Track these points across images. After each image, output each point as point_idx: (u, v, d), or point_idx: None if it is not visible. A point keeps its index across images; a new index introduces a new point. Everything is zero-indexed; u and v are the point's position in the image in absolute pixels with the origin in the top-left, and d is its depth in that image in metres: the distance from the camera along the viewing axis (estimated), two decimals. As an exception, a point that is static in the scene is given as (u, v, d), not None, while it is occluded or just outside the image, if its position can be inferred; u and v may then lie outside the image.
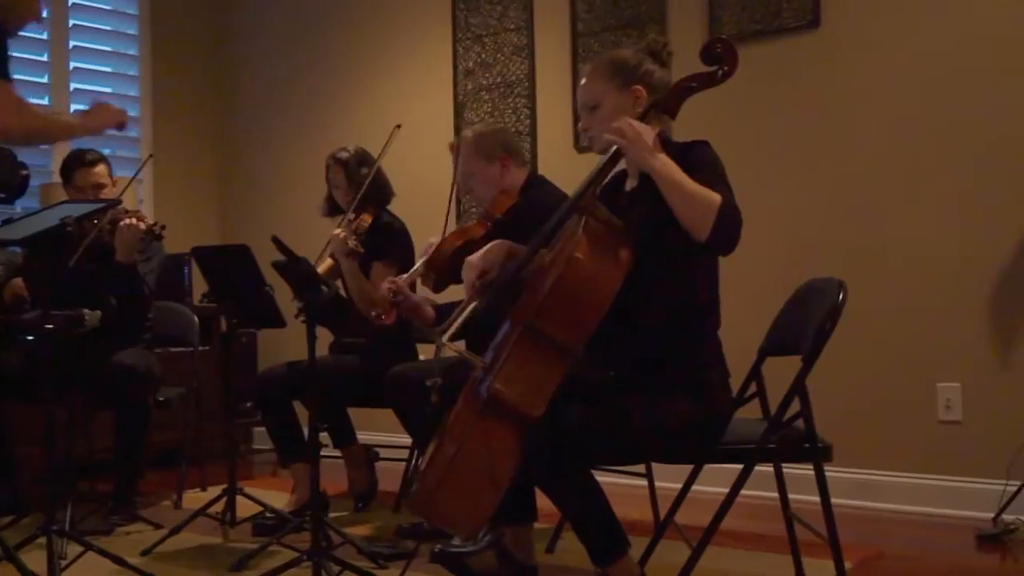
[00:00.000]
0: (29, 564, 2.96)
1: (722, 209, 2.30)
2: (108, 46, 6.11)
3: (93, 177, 4.22)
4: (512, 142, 3.64)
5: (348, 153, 4.21)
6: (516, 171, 3.57)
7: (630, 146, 2.41)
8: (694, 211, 2.32)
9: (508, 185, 3.53)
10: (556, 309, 2.40)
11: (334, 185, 4.24)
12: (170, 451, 4.61)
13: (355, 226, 4.00)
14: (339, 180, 4.20)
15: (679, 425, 2.48)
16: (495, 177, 3.53)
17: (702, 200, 2.31)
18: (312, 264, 2.98)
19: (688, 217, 2.33)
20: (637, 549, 2.87)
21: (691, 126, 3.83)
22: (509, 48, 5.24)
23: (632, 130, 2.41)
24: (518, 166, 3.59)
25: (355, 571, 2.98)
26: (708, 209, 2.30)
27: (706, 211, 2.30)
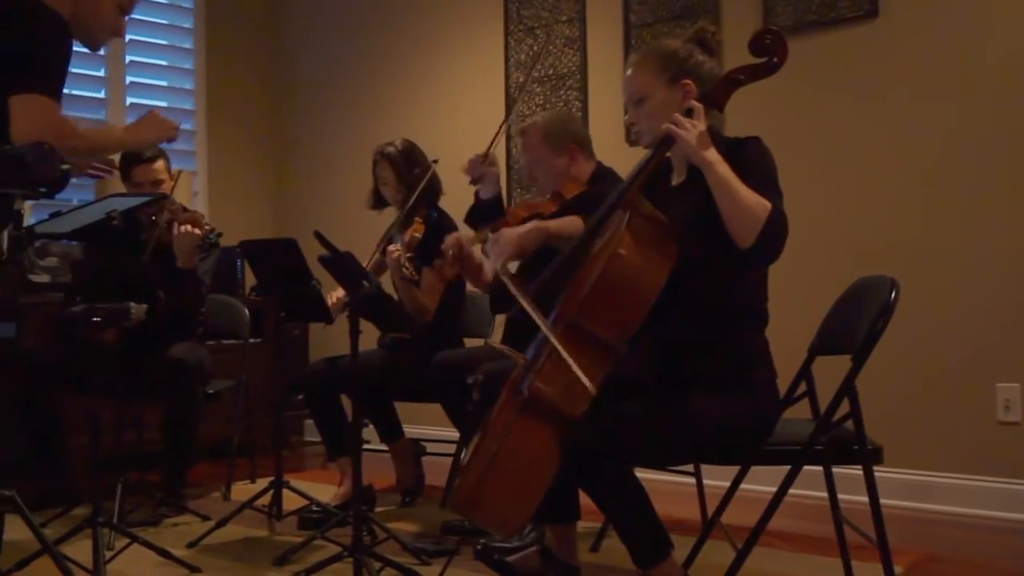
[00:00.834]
0: (77, 555, 2.99)
1: (770, 218, 2.24)
2: (164, 40, 6.16)
3: (152, 173, 4.26)
4: (582, 133, 3.58)
5: (395, 148, 4.18)
6: (584, 163, 3.51)
7: (684, 143, 2.36)
8: (741, 218, 2.26)
9: (576, 175, 3.47)
10: (599, 306, 2.36)
11: (381, 181, 4.22)
12: (221, 443, 4.64)
13: (408, 239, 3.94)
14: (387, 176, 4.17)
15: (723, 425, 2.43)
16: (562, 168, 3.47)
17: (751, 208, 2.25)
18: (355, 259, 2.96)
19: (734, 223, 2.27)
20: (683, 548, 2.83)
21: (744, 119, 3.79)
22: (561, 40, 5.20)
23: (690, 125, 2.36)
24: (586, 158, 3.53)
25: (396, 568, 2.96)
26: (755, 220, 2.24)
27: (753, 221, 2.24)
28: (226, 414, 4.70)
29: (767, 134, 2.56)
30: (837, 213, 4.26)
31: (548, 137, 3.48)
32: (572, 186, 3.43)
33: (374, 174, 4.25)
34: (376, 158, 4.21)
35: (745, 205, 2.26)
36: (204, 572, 3.17)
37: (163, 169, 4.31)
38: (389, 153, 4.16)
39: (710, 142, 2.35)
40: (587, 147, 3.56)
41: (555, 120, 3.57)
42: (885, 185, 4.18)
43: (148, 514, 3.89)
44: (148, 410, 4.52)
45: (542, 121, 3.55)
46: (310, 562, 3.06)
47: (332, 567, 2.95)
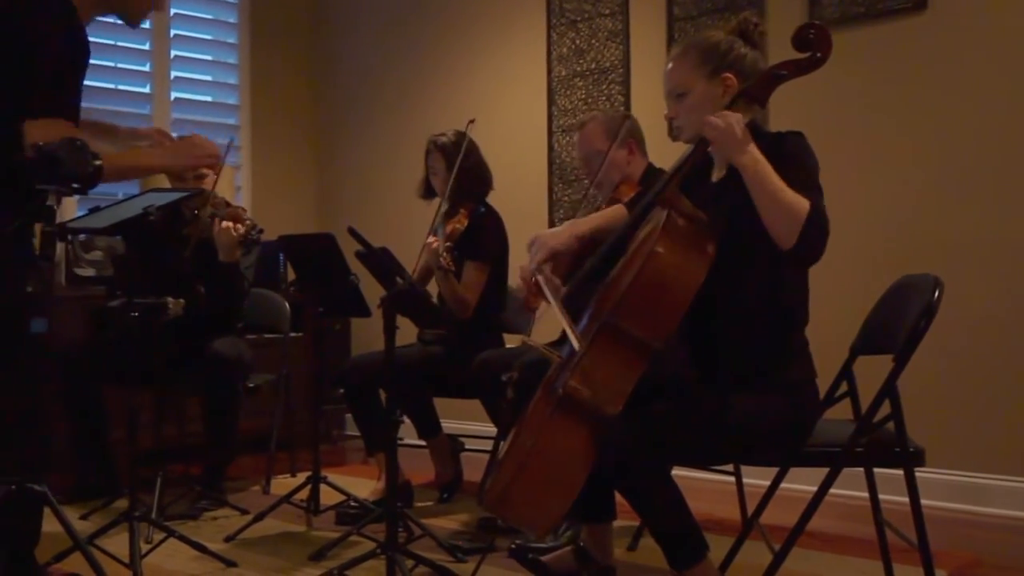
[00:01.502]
0: (115, 547, 3.00)
1: (809, 218, 2.19)
2: (208, 34, 6.19)
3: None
4: (641, 132, 3.60)
5: (448, 138, 4.15)
6: (639, 160, 3.54)
7: (719, 139, 2.32)
8: (781, 219, 2.21)
9: (630, 173, 3.48)
10: (635, 305, 2.33)
11: (432, 171, 4.20)
12: (263, 436, 4.65)
13: (450, 229, 3.93)
14: (438, 167, 4.15)
15: (761, 426, 2.38)
16: (621, 161, 3.49)
17: (790, 209, 2.20)
18: (390, 255, 2.95)
19: (774, 224, 2.22)
20: (722, 549, 2.79)
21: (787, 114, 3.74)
22: (604, 33, 5.15)
23: (723, 121, 2.31)
24: (641, 155, 3.56)
25: (429, 565, 2.95)
26: (795, 219, 2.19)
27: (793, 221, 2.19)
28: (267, 408, 4.72)
29: (810, 129, 2.51)
30: (881, 210, 4.18)
31: (609, 130, 3.51)
32: (627, 188, 3.40)
33: (426, 164, 4.23)
34: (428, 148, 4.20)
35: (783, 205, 2.20)
36: (240, 567, 3.17)
37: None
38: (441, 143, 4.14)
39: (749, 140, 2.30)
40: (643, 145, 3.58)
41: (614, 115, 3.62)
42: (929, 181, 4.09)
43: (187, 507, 3.91)
44: (191, 403, 4.55)
45: (600, 116, 3.60)
46: (345, 558, 3.05)
47: (366, 564, 2.94)
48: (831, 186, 2.36)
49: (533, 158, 5.39)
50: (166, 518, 3.71)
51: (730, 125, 2.28)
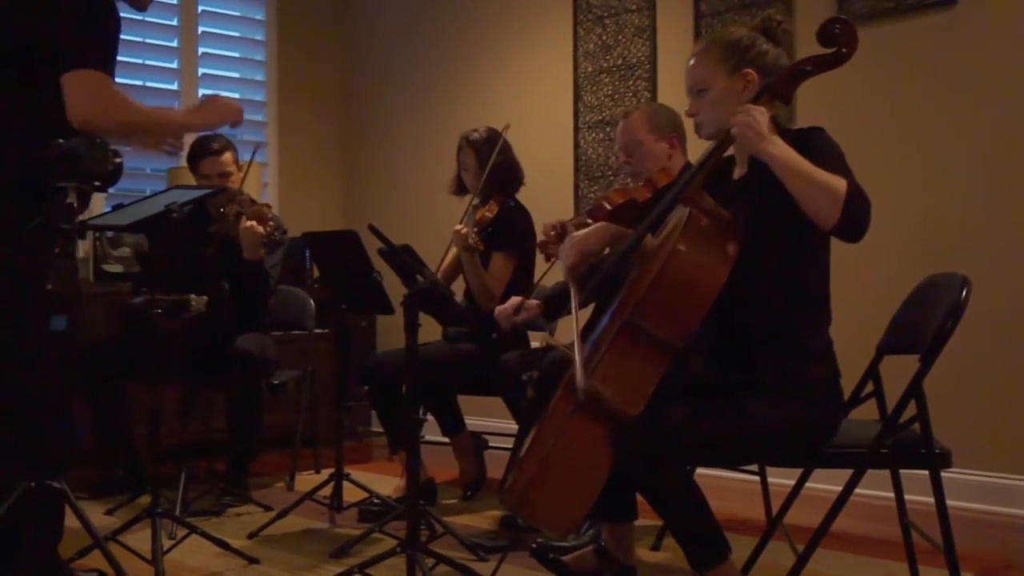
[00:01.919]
0: (139, 543, 3.01)
1: (850, 193, 2.15)
2: (236, 31, 6.21)
3: (219, 166, 4.29)
4: (683, 127, 3.49)
5: (479, 134, 4.14)
6: (679, 155, 3.49)
7: (744, 132, 2.29)
8: (820, 197, 2.16)
9: (669, 167, 3.41)
10: (657, 304, 2.30)
11: (464, 167, 4.19)
12: (288, 432, 4.66)
13: (479, 217, 3.94)
14: (469, 162, 4.14)
15: (783, 427, 2.36)
16: (661, 154, 3.43)
17: (828, 185, 2.16)
18: (411, 252, 2.94)
19: (813, 204, 2.17)
20: (746, 549, 2.76)
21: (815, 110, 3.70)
22: (630, 29, 5.12)
23: (747, 115, 2.28)
24: (681, 151, 3.51)
25: (449, 564, 2.93)
26: (835, 194, 2.14)
27: (833, 196, 2.14)
28: (292, 404, 4.73)
29: (838, 125, 2.49)
30: (908, 207, 4.13)
31: (653, 121, 3.46)
32: (665, 176, 3.37)
33: (458, 159, 4.23)
34: (460, 144, 4.19)
35: (821, 182, 2.16)
36: (262, 563, 3.17)
37: (231, 161, 4.34)
38: (473, 139, 4.14)
39: (773, 131, 2.27)
40: (683, 141, 3.52)
41: (659, 107, 3.57)
42: (957, 178, 4.04)
43: (211, 503, 3.92)
44: (217, 399, 4.57)
45: (644, 107, 3.55)
46: (367, 556, 3.05)
47: (387, 562, 2.93)
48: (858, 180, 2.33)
49: (559, 154, 5.36)
50: (190, 514, 3.72)
51: (753, 118, 2.25)
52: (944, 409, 2.49)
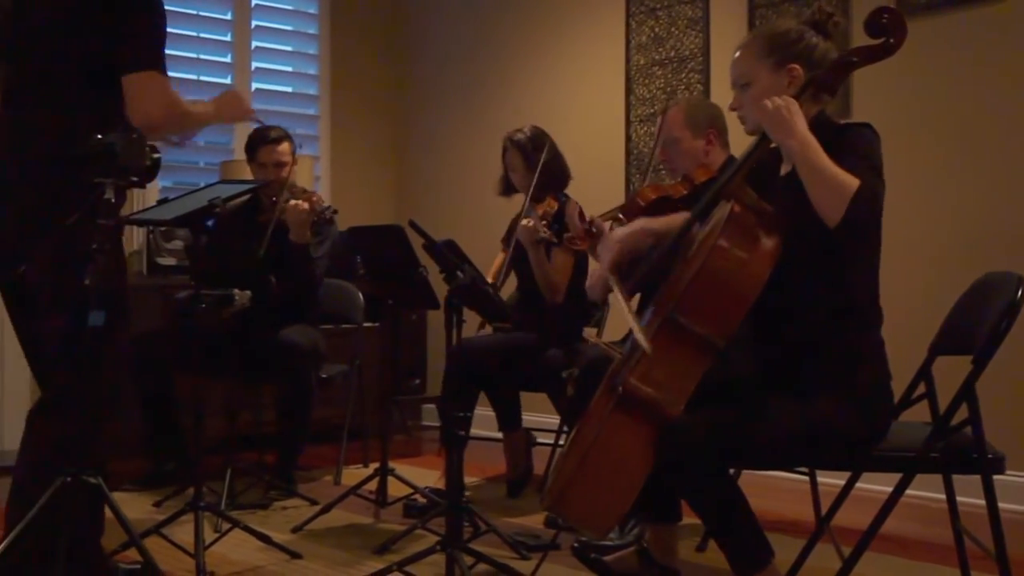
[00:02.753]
0: (185, 536, 3.01)
1: (858, 194, 2.10)
2: (289, 25, 6.23)
3: (276, 155, 4.31)
4: (722, 121, 3.48)
5: (524, 135, 4.14)
6: (719, 151, 3.44)
7: (769, 123, 2.24)
8: (827, 195, 2.13)
9: (708, 163, 3.39)
10: (698, 301, 2.26)
11: (511, 168, 4.19)
12: (337, 426, 4.67)
13: (542, 212, 3.94)
14: (516, 163, 4.14)
15: (829, 429, 2.30)
16: (698, 151, 3.40)
17: (837, 184, 2.12)
18: (454, 248, 2.92)
19: (820, 201, 2.15)
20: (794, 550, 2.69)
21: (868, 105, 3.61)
22: (683, 21, 5.05)
23: (772, 104, 2.23)
24: (721, 147, 3.46)
25: (489, 563, 2.91)
26: (842, 194, 2.10)
27: (840, 196, 2.11)
28: (342, 398, 4.73)
29: (891, 119, 2.44)
30: (961, 204, 4.01)
31: (690, 117, 3.41)
32: (703, 171, 3.34)
33: (503, 161, 4.21)
34: (505, 145, 4.18)
35: (831, 181, 2.13)
36: (304, 559, 3.18)
37: (287, 151, 4.37)
38: (517, 140, 4.13)
39: (799, 123, 2.22)
40: (724, 135, 3.47)
41: (699, 103, 3.53)
42: (1011, 174, 3.91)
43: (258, 497, 3.93)
44: (267, 392, 4.59)
45: (684, 103, 3.48)
46: (409, 552, 3.03)
47: (428, 559, 2.91)
48: (907, 180, 2.27)
49: (610, 148, 5.31)
50: (236, 507, 3.74)
51: (777, 108, 2.21)
52: (998, 412, 2.40)
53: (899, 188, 2.20)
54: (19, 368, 4.42)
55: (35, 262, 2.45)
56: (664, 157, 3.45)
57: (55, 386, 2.49)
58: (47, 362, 2.55)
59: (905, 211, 2.17)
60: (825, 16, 2.47)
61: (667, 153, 3.43)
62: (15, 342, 2.71)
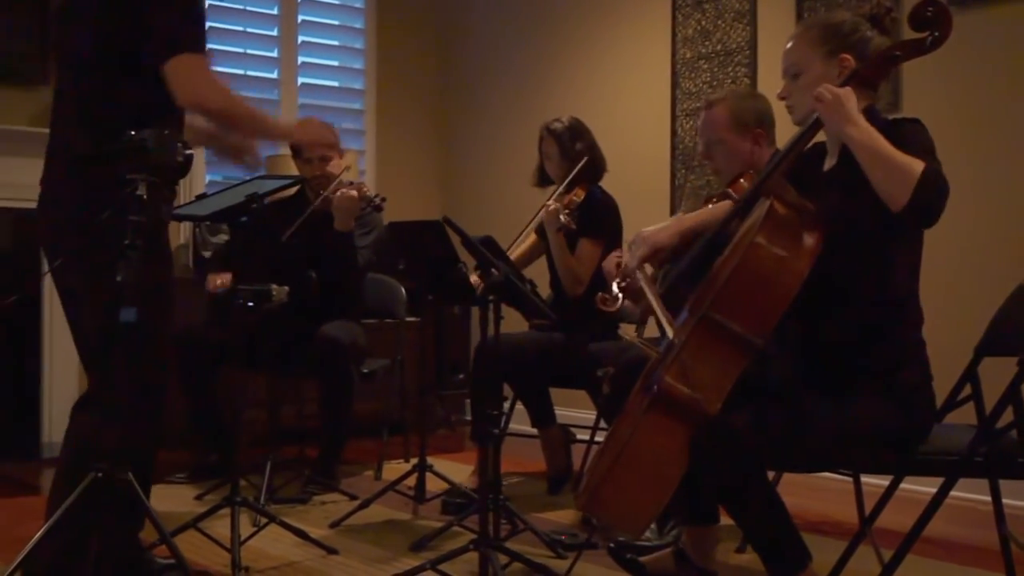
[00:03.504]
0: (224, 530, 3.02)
1: (926, 175, 2.05)
2: (335, 19, 6.24)
3: (320, 148, 4.31)
4: (770, 116, 3.24)
5: (562, 124, 4.11)
6: (763, 150, 3.20)
7: (826, 111, 2.19)
8: (892, 178, 2.08)
9: (754, 163, 3.15)
10: (735, 299, 2.23)
11: (546, 156, 4.16)
12: (379, 421, 4.67)
13: (567, 200, 3.93)
14: (552, 152, 4.11)
15: (869, 431, 2.25)
16: (744, 152, 3.16)
17: (902, 166, 2.07)
18: (491, 244, 2.90)
19: (885, 184, 2.09)
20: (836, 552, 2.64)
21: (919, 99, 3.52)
22: (730, 14, 4.98)
23: (830, 94, 2.18)
24: (768, 144, 3.22)
25: (523, 562, 2.88)
26: (909, 176, 2.05)
27: (906, 178, 2.05)
28: (385, 393, 4.74)
29: (935, 115, 2.36)
30: (1010, 203, 3.91)
31: (735, 118, 3.17)
32: (749, 177, 3.15)
33: (539, 150, 4.19)
34: (542, 134, 4.16)
35: (896, 163, 2.08)
36: (340, 554, 3.17)
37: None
38: (554, 129, 4.10)
39: (858, 112, 2.17)
40: (771, 132, 3.24)
41: (744, 99, 3.26)
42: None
43: (298, 491, 3.94)
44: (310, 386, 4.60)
45: (730, 99, 3.23)
46: (445, 550, 3.02)
47: (463, 557, 2.89)
48: (957, 175, 2.21)
49: (655, 142, 5.26)
50: (275, 502, 3.75)
51: (837, 96, 2.16)
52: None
53: (945, 185, 2.15)
54: (69, 361, 4.49)
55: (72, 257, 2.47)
56: (707, 157, 3.27)
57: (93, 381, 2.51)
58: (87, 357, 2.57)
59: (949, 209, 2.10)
60: (883, 10, 2.41)
61: (710, 154, 3.23)
62: (65, 335, 2.73)
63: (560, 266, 3.95)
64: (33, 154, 2.61)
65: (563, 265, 3.93)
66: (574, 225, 3.82)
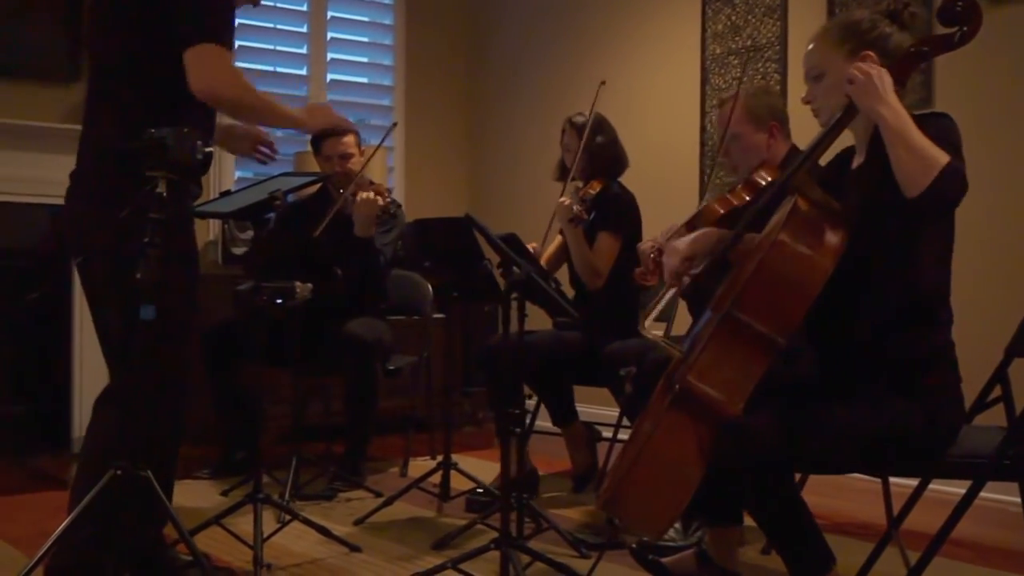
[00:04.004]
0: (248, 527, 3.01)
1: (948, 168, 2.01)
2: (364, 16, 6.24)
3: (341, 147, 4.33)
4: (783, 110, 3.37)
5: (584, 117, 4.09)
6: (781, 143, 3.31)
7: (858, 91, 2.15)
8: (915, 163, 2.03)
9: (770, 157, 3.26)
10: (758, 297, 2.19)
11: (566, 149, 4.14)
12: (407, 417, 4.67)
13: (582, 193, 3.92)
14: (572, 144, 4.09)
15: (895, 433, 2.21)
16: (760, 145, 3.27)
17: (928, 154, 2.03)
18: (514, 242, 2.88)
19: (906, 168, 2.04)
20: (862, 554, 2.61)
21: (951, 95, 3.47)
22: (761, 9, 4.94)
23: (862, 73, 2.14)
24: (784, 137, 3.33)
25: (544, 562, 2.86)
26: (932, 165, 2.01)
27: (929, 166, 2.01)
28: (413, 389, 4.74)
29: (968, 110, 2.32)
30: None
31: (750, 112, 3.27)
32: (766, 171, 3.21)
33: (561, 143, 4.18)
34: (564, 127, 4.15)
35: (922, 150, 2.03)
36: (363, 552, 3.17)
37: (353, 143, 4.37)
38: (576, 122, 4.09)
39: (891, 92, 2.12)
40: (786, 126, 3.36)
41: (758, 94, 3.38)
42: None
43: (323, 487, 3.94)
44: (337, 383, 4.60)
45: (744, 94, 3.33)
46: (467, 548, 3.00)
47: (485, 556, 2.88)
48: (988, 172, 2.18)
49: (685, 138, 5.23)
50: (300, 498, 3.76)
51: (869, 75, 2.11)
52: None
53: (975, 182, 2.10)
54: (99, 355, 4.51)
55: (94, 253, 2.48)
56: (724, 154, 3.34)
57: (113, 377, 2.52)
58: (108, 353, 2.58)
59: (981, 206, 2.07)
60: (901, 5, 2.37)
61: (728, 150, 3.31)
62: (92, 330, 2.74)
63: (577, 258, 3.94)
64: (66, 151, 2.62)
65: (580, 257, 3.93)
66: (586, 215, 3.79)
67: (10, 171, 4.68)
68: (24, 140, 4.72)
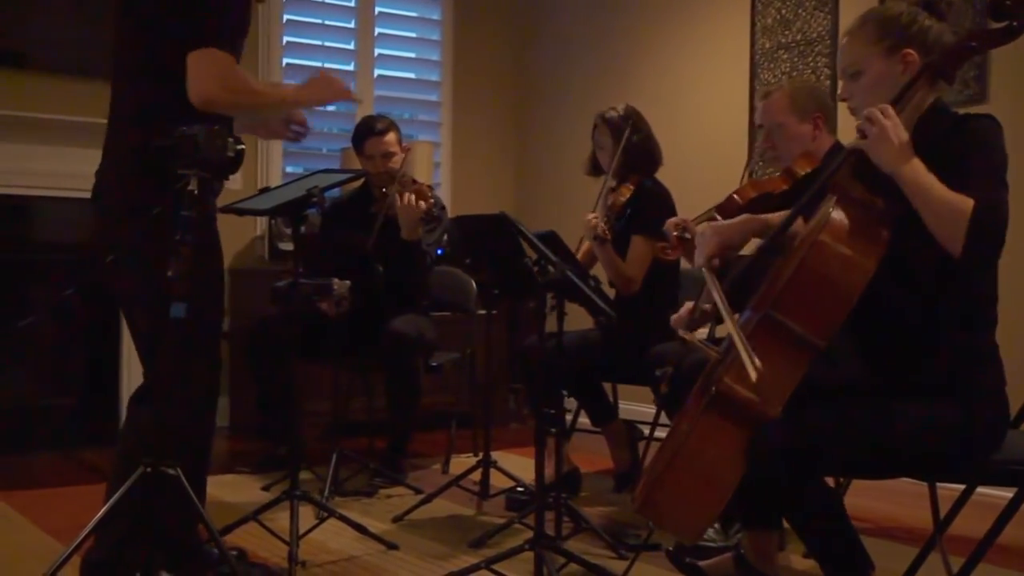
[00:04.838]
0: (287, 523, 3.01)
1: (973, 218, 1.97)
2: (412, 12, 6.23)
3: (382, 146, 4.31)
4: (829, 104, 3.34)
5: (616, 112, 4.01)
6: (825, 137, 3.27)
7: (872, 144, 2.10)
8: (942, 224, 2.01)
9: (813, 149, 3.23)
10: (798, 299, 2.15)
11: (599, 145, 4.07)
12: (451, 414, 4.66)
13: (611, 201, 3.84)
14: (604, 141, 4.02)
15: (937, 437, 2.16)
16: (804, 136, 3.22)
17: (949, 211, 2.00)
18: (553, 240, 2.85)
19: (938, 229, 2.03)
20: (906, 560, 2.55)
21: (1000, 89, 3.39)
22: (811, 3, 4.86)
23: (877, 126, 2.09)
24: (828, 131, 3.30)
25: (579, 563, 2.83)
26: (956, 224, 1.98)
27: (954, 226, 1.98)
28: (457, 386, 4.72)
29: (1001, 110, 2.25)
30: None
31: (795, 102, 3.23)
32: (806, 162, 3.19)
33: (593, 138, 4.11)
34: (596, 122, 4.07)
35: (941, 210, 2.01)
36: (400, 550, 3.16)
37: (394, 142, 4.35)
38: (609, 117, 4.01)
39: (908, 148, 2.08)
40: (831, 120, 3.33)
41: (803, 86, 3.38)
42: None
43: (364, 484, 3.94)
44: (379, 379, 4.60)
45: (789, 86, 3.33)
46: (504, 547, 2.98)
47: (522, 555, 2.85)
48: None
49: (733, 134, 5.16)
50: (342, 494, 3.76)
51: (884, 130, 2.06)
52: None
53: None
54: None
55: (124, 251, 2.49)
56: (768, 144, 3.30)
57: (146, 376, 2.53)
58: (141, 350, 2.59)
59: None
60: None
61: (771, 140, 3.28)
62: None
63: (609, 271, 3.87)
64: (100, 146, 2.63)
65: (610, 271, 3.86)
66: (609, 236, 3.72)
67: (55, 166, 4.74)
68: (68, 135, 4.76)
